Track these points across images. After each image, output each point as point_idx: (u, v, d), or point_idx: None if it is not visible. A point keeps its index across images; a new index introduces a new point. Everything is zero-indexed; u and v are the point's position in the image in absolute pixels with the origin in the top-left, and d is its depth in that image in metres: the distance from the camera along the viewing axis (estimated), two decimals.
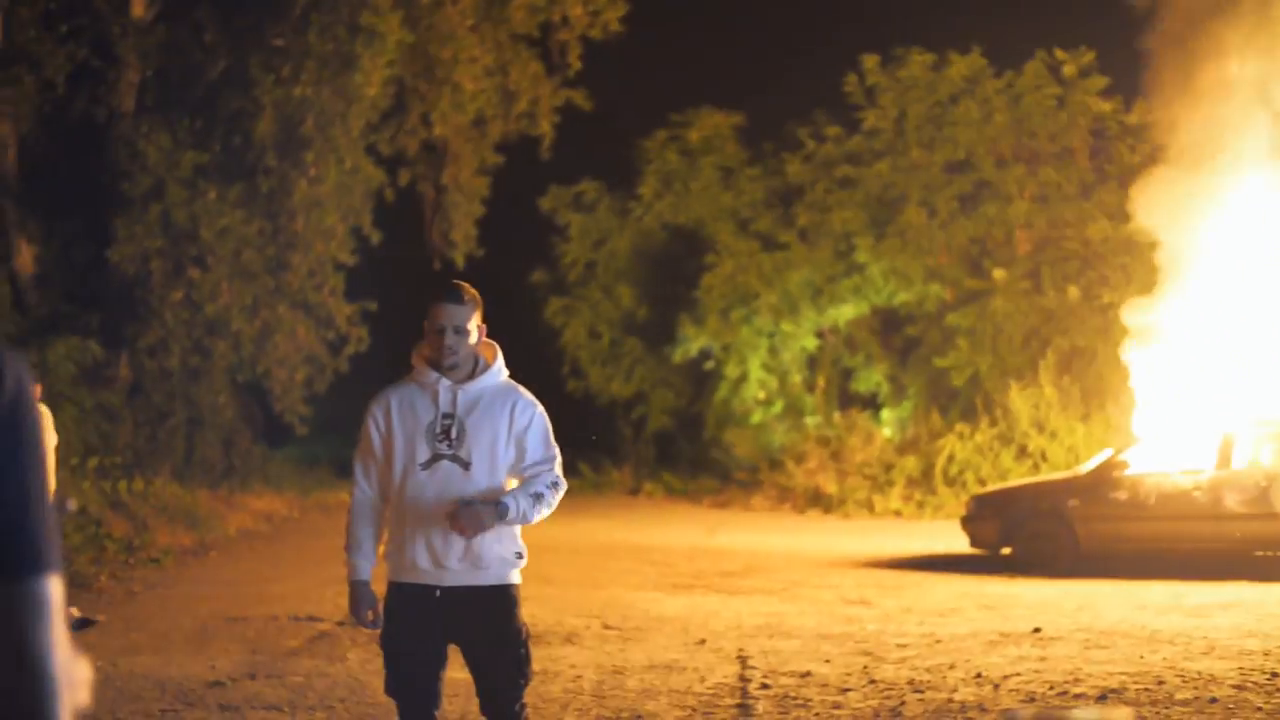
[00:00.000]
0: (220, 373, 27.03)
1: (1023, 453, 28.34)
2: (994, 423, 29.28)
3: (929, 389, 32.27)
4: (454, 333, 6.22)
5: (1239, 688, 10.00)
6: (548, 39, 31.98)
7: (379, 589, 6.42)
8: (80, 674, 2.22)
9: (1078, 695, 9.89)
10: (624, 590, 16.47)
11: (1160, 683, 10.21)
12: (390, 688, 6.48)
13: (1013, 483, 23.30)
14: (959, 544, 19.83)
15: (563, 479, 6.39)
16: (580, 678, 10.85)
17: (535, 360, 38.28)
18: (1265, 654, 11.28)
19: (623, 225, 37.73)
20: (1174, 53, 21.41)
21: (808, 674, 10.86)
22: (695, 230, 36.34)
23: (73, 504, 13.05)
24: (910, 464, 29.40)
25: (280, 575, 17.93)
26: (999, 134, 32.24)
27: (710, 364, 35.15)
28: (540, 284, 38.62)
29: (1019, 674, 10.69)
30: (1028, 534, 18.60)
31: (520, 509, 6.17)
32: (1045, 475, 24.51)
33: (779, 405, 34.33)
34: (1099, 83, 31.12)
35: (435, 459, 6.24)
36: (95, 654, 11.64)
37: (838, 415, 33.22)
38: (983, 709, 9.51)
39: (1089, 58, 31.13)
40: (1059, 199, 31.79)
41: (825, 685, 10.44)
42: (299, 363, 27.36)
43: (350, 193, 27.57)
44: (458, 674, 6.68)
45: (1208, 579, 16.48)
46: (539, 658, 11.63)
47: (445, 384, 6.26)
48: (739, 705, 9.86)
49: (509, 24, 31.36)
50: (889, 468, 29.69)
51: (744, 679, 10.75)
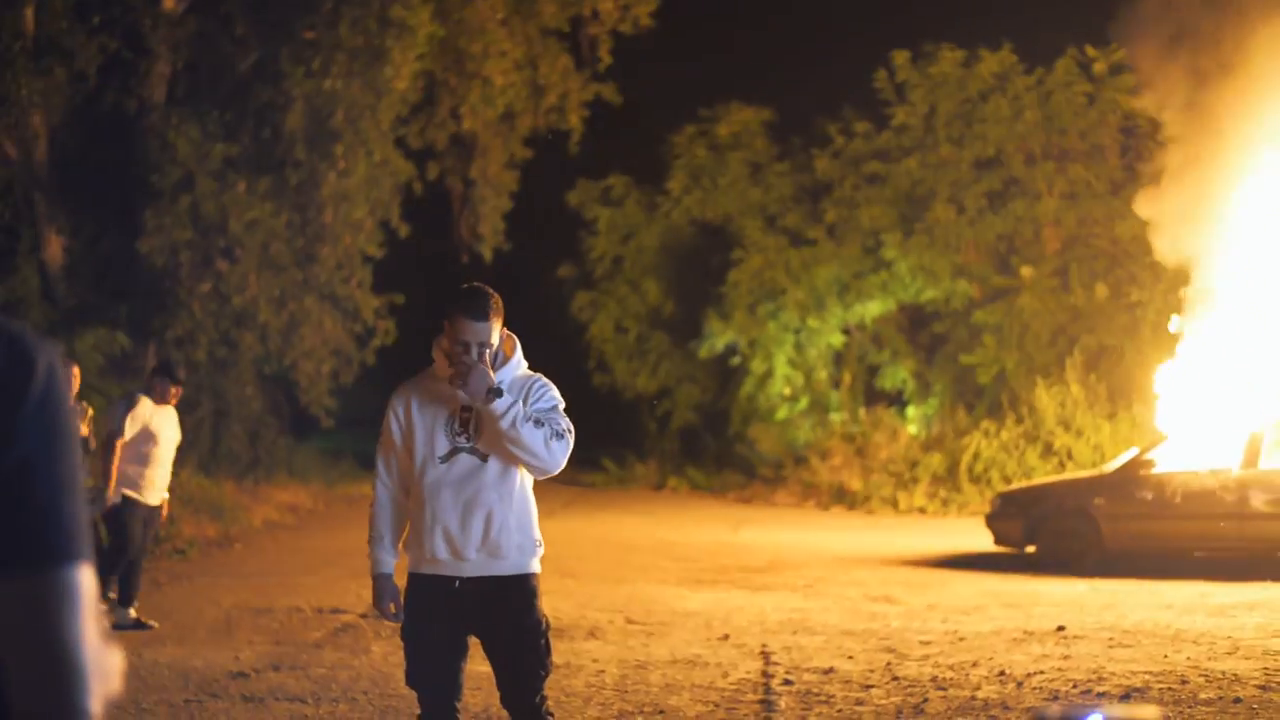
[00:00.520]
0: (247, 365, 27.11)
1: (1048, 451, 28.27)
2: (1020, 420, 29.22)
3: (955, 386, 32.22)
4: (478, 348, 6.13)
5: (1263, 688, 9.98)
6: (577, 33, 32.02)
7: (400, 581, 6.45)
8: (112, 663, 2.23)
9: (1101, 694, 9.88)
10: (647, 585, 16.48)
11: (1184, 682, 10.19)
12: (411, 679, 6.49)
13: (1038, 481, 23.26)
14: (983, 542, 19.80)
15: (570, 437, 6.24)
16: (603, 672, 10.86)
17: (561, 354, 38.32)
18: None
19: (650, 220, 37.73)
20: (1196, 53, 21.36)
21: (831, 670, 10.86)
22: (723, 225, 36.31)
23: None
24: (935, 461, 29.34)
25: (305, 567, 17.98)
26: (1029, 131, 32.16)
27: (736, 359, 35.13)
28: (567, 278, 38.65)
29: (1042, 672, 10.68)
30: (1052, 532, 18.56)
31: (516, 412, 6.08)
32: (1071, 473, 24.46)
33: (804, 401, 34.31)
34: (1130, 80, 31.01)
35: (454, 451, 6.25)
36: (120, 644, 11.71)
37: (863, 412, 33.19)
38: (1005, 707, 9.50)
39: (1120, 55, 31.02)
40: (1088, 197, 31.70)
41: (848, 682, 10.45)
42: (326, 355, 27.43)
43: (379, 186, 27.63)
44: (480, 667, 6.70)
45: (1233, 579, 16.44)
46: (562, 651, 11.66)
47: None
48: (762, 701, 9.86)
49: (539, 18, 31.40)
50: (914, 465, 29.64)
51: (767, 675, 10.76)
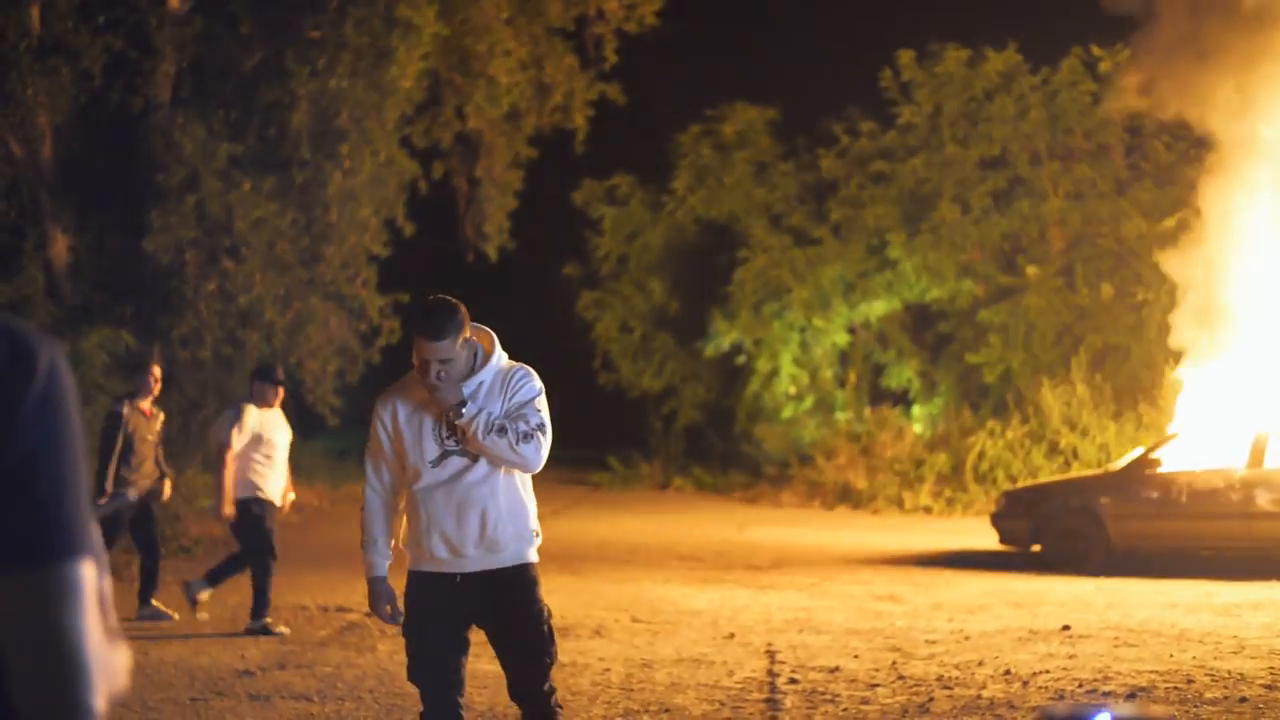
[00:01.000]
0: (252, 364, 27.10)
1: (1054, 450, 28.25)
2: (1025, 420, 29.19)
3: (960, 385, 32.20)
4: (439, 364, 6.15)
5: (1269, 687, 9.97)
6: (583, 32, 31.99)
7: (398, 579, 6.46)
8: (117, 660, 2.23)
9: (1107, 693, 9.87)
10: (653, 584, 16.48)
11: (1190, 681, 10.18)
12: (412, 674, 6.54)
13: (1043, 480, 23.25)
14: (989, 541, 19.79)
15: (541, 436, 6.23)
16: (608, 671, 10.86)
17: (566, 353, 38.36)
18: None
19: (655, 219, 37.73)
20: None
21: (836, 669, 10.86)
22: (728, 225, 36.31)
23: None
24: (941, 460, 29.33)
25: (310, 566, 17.98)
26: (1034, 130, 32.15)
27: (741, 359, 35.12)
28: (572, 277, 38.65)
29: (1048, 671, 10.67)
30: (1058, 531, 18.56)
31: (480, 423, 6.12)
32: (1076, 473, 24.45)
33: (810, 401, 34.31)
34: (1134, 80, 30.97)
35: (444, 455, 6.29)
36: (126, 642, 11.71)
37: (868, 411, 33.17)
38: (1011, 706, 9.50)
39: (1125, 54, 30.99)
40: (1094, 196, 31.68)
41: (854, 681, 10.44)
42: (331, 354, 27.42)
43: (384, 185, 27.62)
44: (487, 665, 6.70)
45: (1238, 578, 16.43)
46: (567, 650, 11.66)
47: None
48: (767, 700, 9.86)
49: (544, 17, 31.38)
50: (919, 464, 29.63)
51: (772, 673, 10.76)
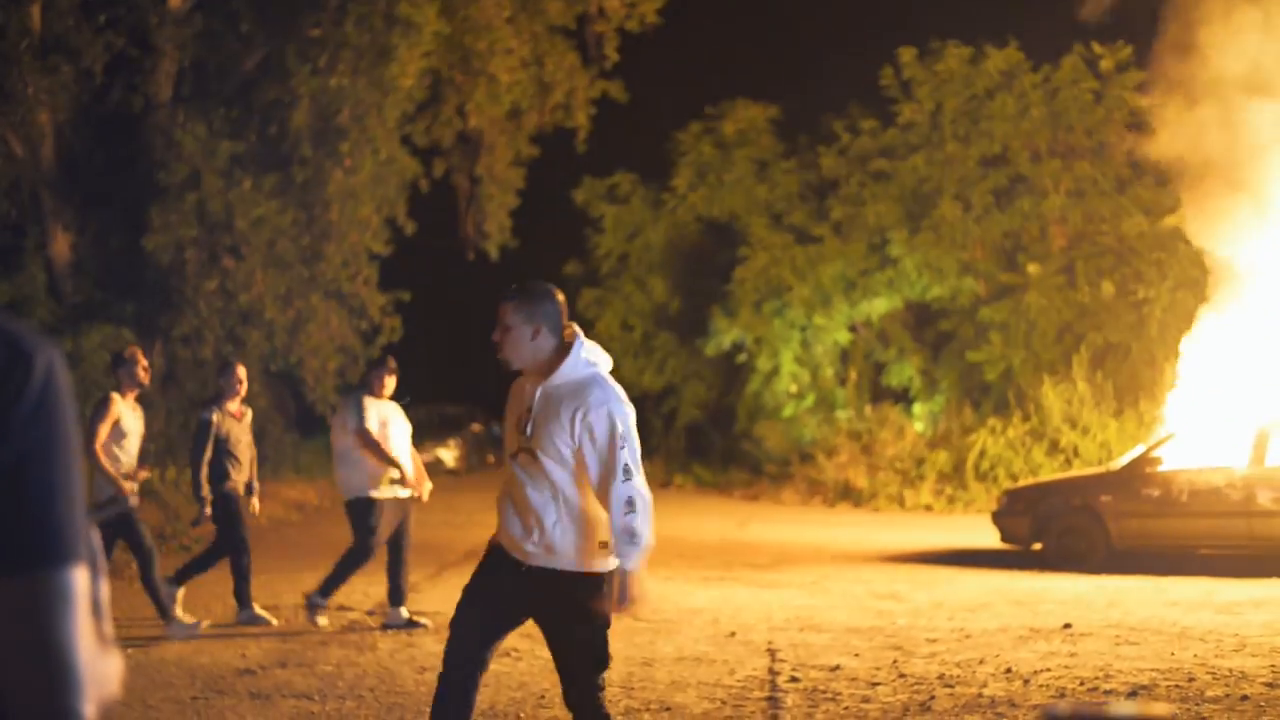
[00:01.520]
0: (253, 362, 27.08)
1: (1055, 448, 28.26)
2: (1026, 418, 29.20)
3: (961, 383, 32.21)
4: (502, 327, 6.50)
5: (1270, 685, 9.96)
6: (584, 30, 32.00)
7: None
8: (109, 667, 2.21)
9: (1108, 691, 9.86)
10: (654, 582, 16.40)
11: (1191, 680, 10.17)
12: (453, 621, 6.68)
13: (1045, 478, 23.24)
14: (990, 539, 19.78)
15: (638, 489, 6.28)
16: (609, 669, 10.84)
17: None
18: None
19: (656, 217, 37.75)
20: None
21: (837, 668, 10.85)
22: (729, 223, 36.33)
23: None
24: (941, 458, 29.33)
25: (311, 564, 17.97)
26: (1035, 128, 32.15)
27: (742, 357, 35.13)
28: (573, 276, 38.66)
29: (1049, 669, 10.66)
30: (1059, 529, 18.55)
31: (633, 556, 6.26)
32: (1077, 471, 24.45)
33: (810, 399, 34.32)
34: (1136, 77, 30.98)
35: (519, 450, 6.45)
36: (127, 641, 11.71)
37: (869, 409, 33.17)
38: (1012, 704, 9.49)
39: (1126, 52, 31.00)
40: (1094, 194, 31.68)
41: (855, 679, 10.44)
42: (332, 352, 27.44)
43: (385, 183, 27.65)
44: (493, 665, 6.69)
45: (1240, 576, 16.42)
46: None
47: (533, 380, 6.47)
48: (768, 698, 9.86)
49: (545, 15, 31.39)
50: (920, 462, 29.63)
51: (773, 672, 10.75)
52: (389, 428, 13.01)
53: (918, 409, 32.98)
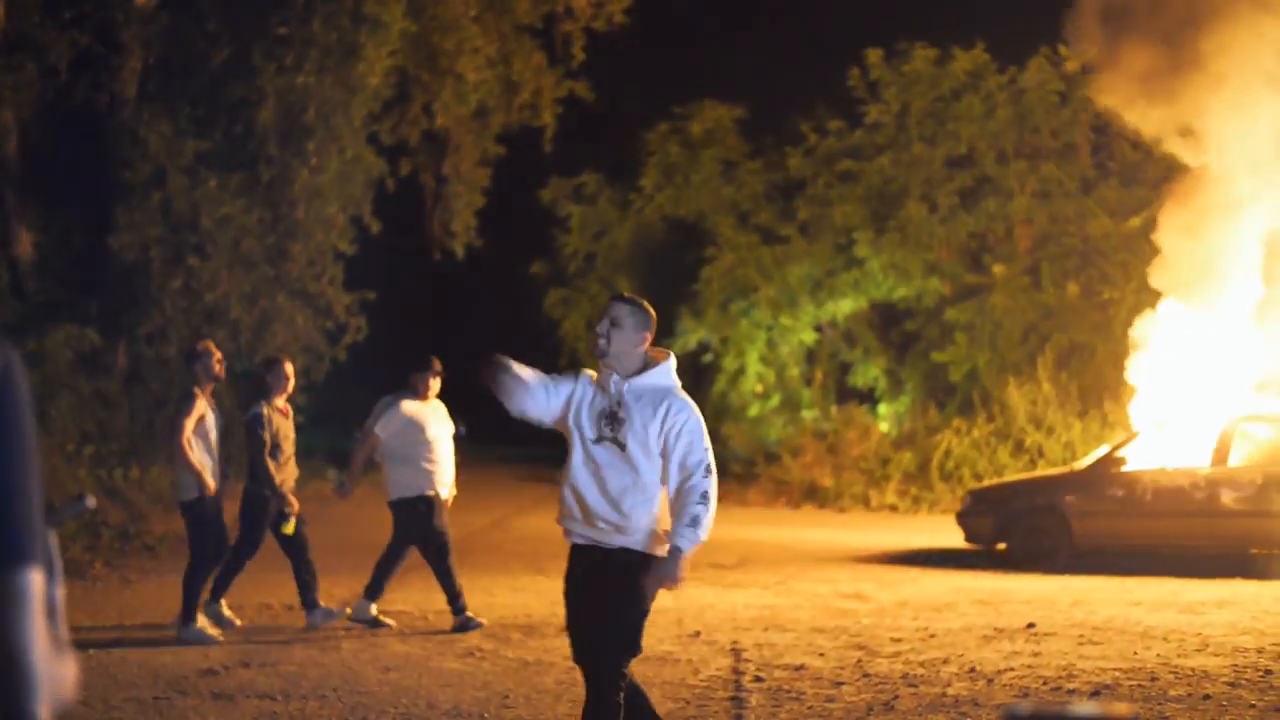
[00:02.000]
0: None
1: (1019, 448, 28.33)
2: (991, 418, 29.27)
3: (926, 384, 32.27)
4: (609, 320, 7.35)
5: (1232, 685, 10.00)
6: (551, 30, 31.93)
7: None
8: (64, 670, 2.19)
9: (1071, 691, 9.89)
10: None
11: (1154, 679, 10.21)
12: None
13: (1009, 478, 23.30)
14: (954, 539, 19.83)
15: (712, 485, 7.13)
16: (573, 669, 10.83)
17: (533, 351, 38.26)
18: (1259, 651, 11.29)
19: (623, 217, 37.72)
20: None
21: (801, 667, 10.87)
22: (695, 223, 36.32)
23: (91, 501, 13.01)
24: (907, 459, 29.38)
25: (274, 564, 17.92)
26: (1001, 129, 32.22)
27: (708, 357, 35.13)
28: (540, 275, 38.63)
29: (1012, 669, 10.69)
30: (1023, 529, 18.60)
31: (690, 539, 7.03)
32: (1042, 471, 24.52)
33: (776, 399, 34.34)
34: (1103, 78, 31.06)
35: (599, 439, 7.18)
36: (89, 641, 11.66)
37: (835, 409, 33.20)
38: (976, 703, 9.51)
39: (1093, 54, 31.07)
40: (1060, 195, 31.77)
41: (819, 679, 10.45)
42: (297, 352, 27.33)
43: (351, 182, 27.56)
44: (453, 664, 6.67)
45: (1203, 576, 16.50)
46: (533, 649, 11.67)
47: (616, 377, 7.27)
48: (732, 698, 9.86)
49: (512, 14, 31.33)
50: (885, 462, 29.67)
51: (738, 672, 10.76)
52: (430, 429, 13.04)
53: (883, 409, 33.02)
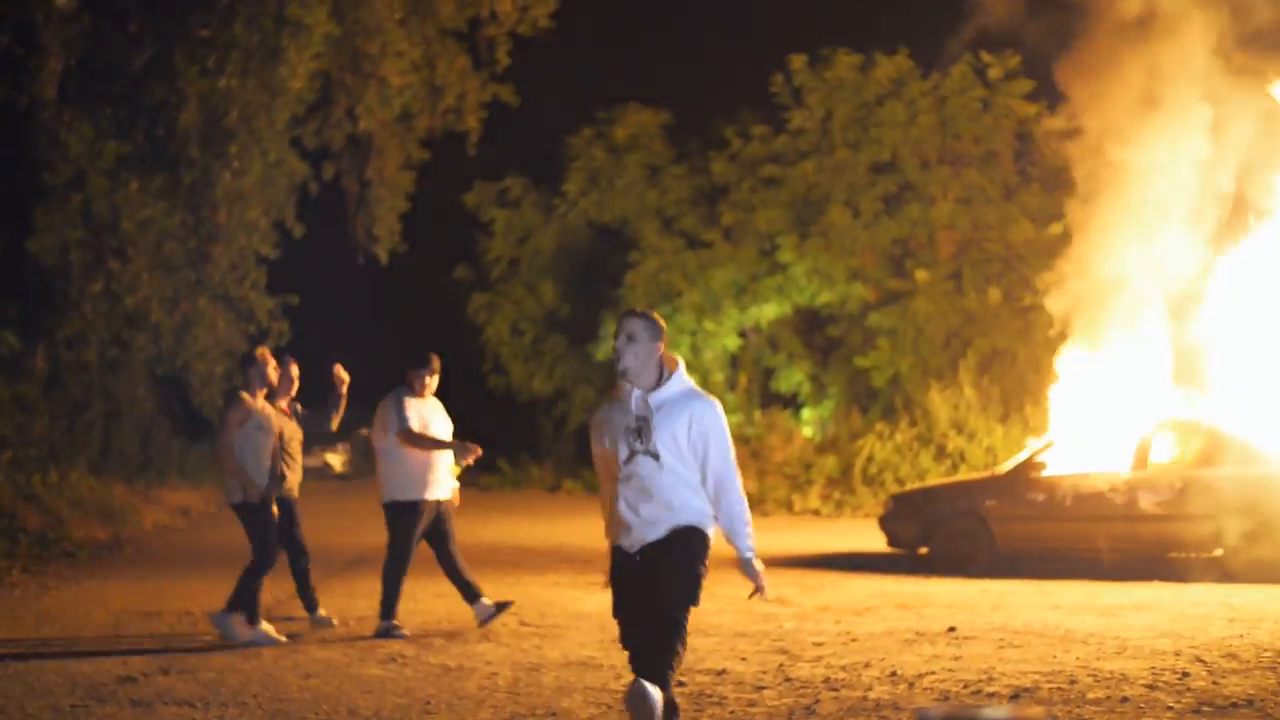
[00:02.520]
0: (139, 365, 26.82)
1: (941, 453, 28.49)
2: (914, 423, 29.42)
3: (849, 389, 32.41)
4: (626, 337, 7.68)
5: (1150, 687, 10.07)
6: (476, 34, 31.83)
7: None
8: None
9: (991, 694, 9.95)
10: (542, 588, 16.46)
11: (1073, 682, 10.27)
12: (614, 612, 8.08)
13: (931, 483, 23.43)
14: (877, 543, 19.90)
15: (737, 490, 7.93)
16: (496, 675, 10.83)
17: (457, 356, 38.14)
18: (1177, 654, 11.37)
19: (547, 222, 37.71)
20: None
21: (724, 672, 10.88)
22: (620, 228, 36.34)
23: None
24: (830, 463, 29.49)
25: (195, 570, 17.84)
26: (924, 136, 32.41)
27: None
28: (463, 280, 38.56)
29: (933, 673, 10.74)
30: (945, 534, 18.69)
31: (750, 539, 8.09)
32: (963, 475, 24.65)
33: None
34: (1024, 86, 31.32)
35: (632, 455, 7.67)
36: (5, 649, 11.54)
37: (758, 414, 33.30)
38: (897, 707, 9.54)
39: (1015, 61, 31.31)
40: (982, 201, 31.99)
41: (741, 683, 10.46)
42: (219, 356, 27.18)
43: (274, 186, 27.43)
44: (375, 670, 6.65)
45: (1122, 580, 16.61)
46: (455, 654, 11.64)
47: (637, 393, 7.68)
48: None
49: (437, 18, 31.21)
50: (808, 467, 29.77)
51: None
52: (430, 427, 12.97)
53: (806, 414, 33.14)
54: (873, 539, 20.45)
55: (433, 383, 13.08)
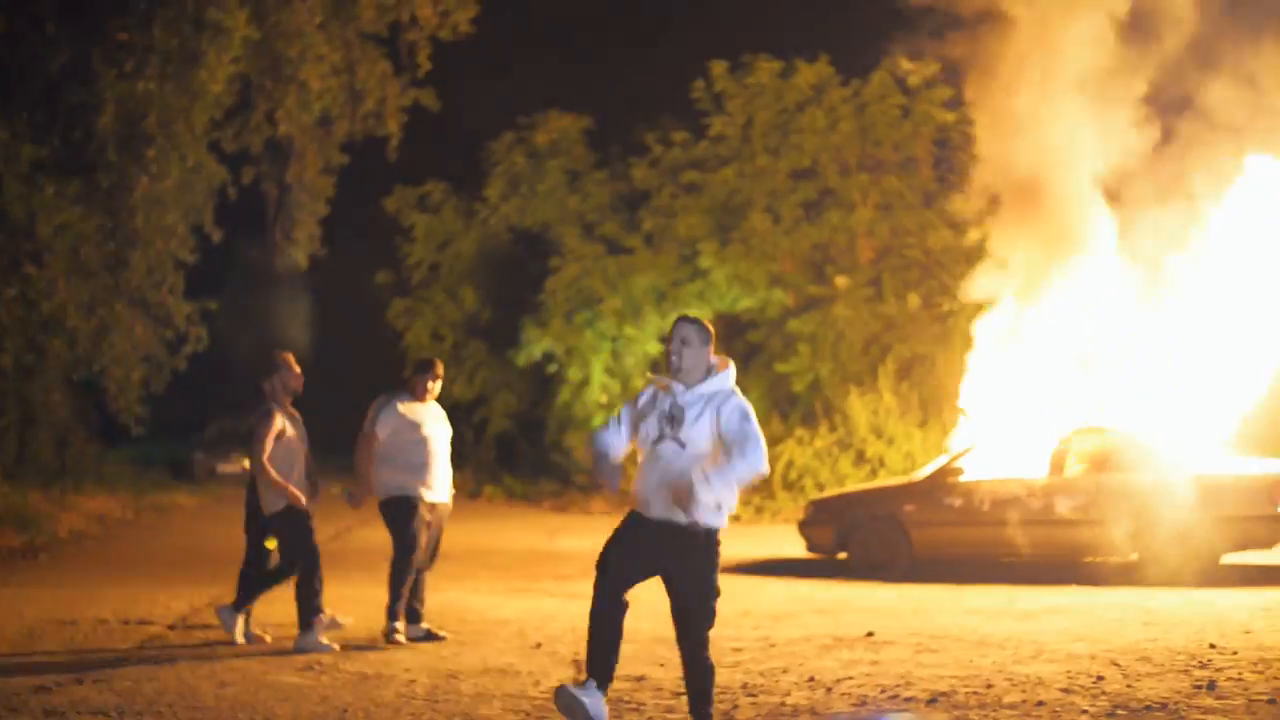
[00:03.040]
0: (55, 371, 26.59)
1: (861, 458, 28.60)
2: (833, 428, 29.51)
3: (770, 394, 32.46)
4: (679, 341, 8.60)
5: (1066, 690, 10.15)
6: (396, 39, 31.71)
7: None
8: None
9: (908, 698, 10.00)
10: (461, 594, 16.42)
11: (989, 686, 10.34)
12: (599, 563, 8.76)
13: (850, 488, 23.49)
14: (796, 548, 19.96)
15: (759, 462, 8.31)
16: (414, 682, 10.80)
17: (377, 362, 38.06)
18: (1092, 657, 11.46)
19: (468, 227, 37.65)
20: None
21: (642, 678, 10.89)
22: (540, 233, 36.33)
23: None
24: None
25: (111, 578, 17.69)
26: (844, 142, 32.54)
27: (553, 367, 35.14)
28: (384, 285, 38.44)
29: (851, 678, 10.78)
30: (863, 539, 18.77)
31: (727, 501, 8.40)
32: (882, 481, 24.74)
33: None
34: (943, 93, 31.48)
35: (660, 438, 8.54)
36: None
37: None
38: (814, 713, 9.58)
39: (934, 69, 31.48)
40: (901, 207, 32.15)
41: (659, 689, 10.48)
42: (136, 362, 26.98)
43: (192, 190, 27.25)
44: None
45: (1038, 584, 16.73)
46: (372, 661, 11.60)
47: (680, 387, 8.54)
48: None
49: (357, 23, 31.06)
50: None
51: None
52: (424, 429, 12.88)
53: None
54: (792, 544, 20.51)
55: (435, 387, 13.04)
